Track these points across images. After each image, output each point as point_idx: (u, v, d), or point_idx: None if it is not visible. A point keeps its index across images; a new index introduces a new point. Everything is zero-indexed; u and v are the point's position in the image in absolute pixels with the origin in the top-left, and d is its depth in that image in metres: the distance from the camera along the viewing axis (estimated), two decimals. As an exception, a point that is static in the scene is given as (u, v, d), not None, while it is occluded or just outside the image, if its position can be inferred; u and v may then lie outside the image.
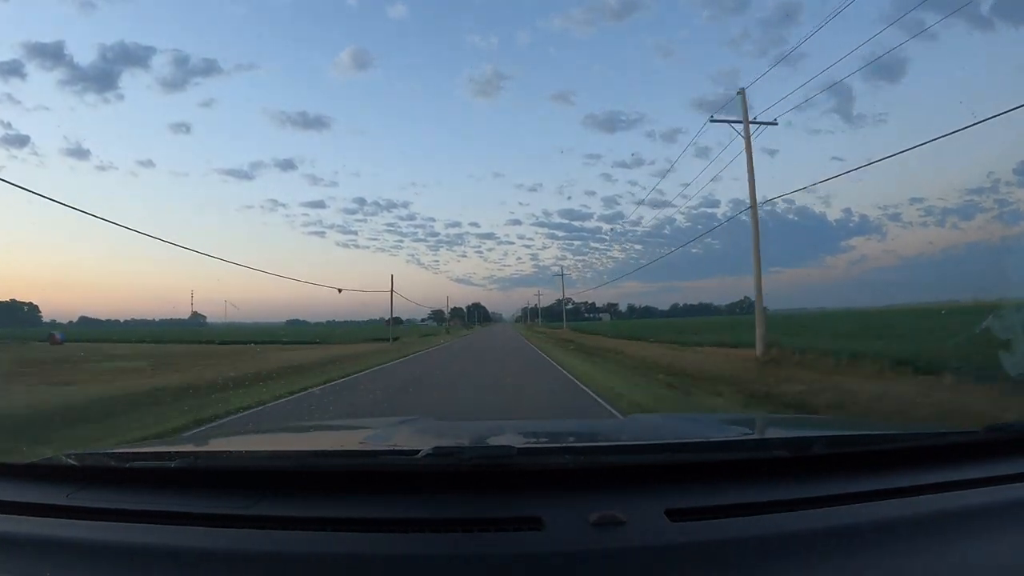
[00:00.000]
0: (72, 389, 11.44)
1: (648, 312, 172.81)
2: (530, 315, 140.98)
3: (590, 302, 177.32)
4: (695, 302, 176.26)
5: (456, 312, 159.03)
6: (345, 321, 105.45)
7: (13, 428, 7.16)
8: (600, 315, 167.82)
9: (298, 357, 20.25)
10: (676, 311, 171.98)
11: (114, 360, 20.02)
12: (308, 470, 1.13)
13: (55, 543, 0.93)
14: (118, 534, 0.95)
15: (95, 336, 48.74)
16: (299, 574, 0.86)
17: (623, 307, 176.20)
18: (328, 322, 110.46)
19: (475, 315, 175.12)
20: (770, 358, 13.56)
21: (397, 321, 42.17)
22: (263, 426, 6.26)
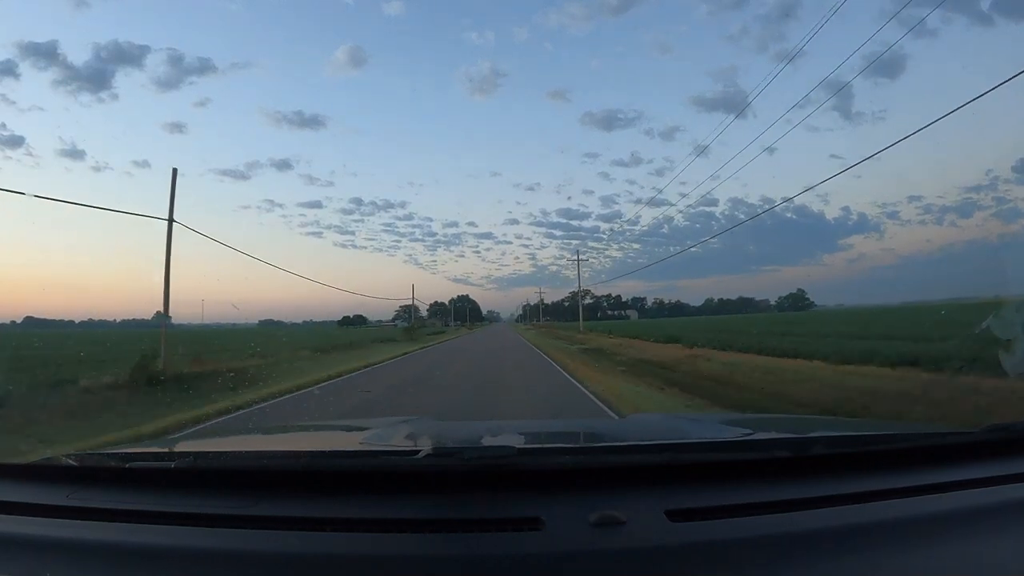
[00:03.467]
0: None
1: (679, 308, 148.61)
2: (540, 313, 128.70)
3: (614, 296, 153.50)
4: (733, 296, 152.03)
5: (440, 309, 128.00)
6: (324, 321, 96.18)
7: None
8: (627, 312, 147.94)
9: None
10: (710, 307, 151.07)
11: None
12: (308, 470, 1.13)
13: (55, 543, 0.93)
14: (118, 534, 0.95)
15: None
16: (299, 574, 0.85)
17: (649, 303, 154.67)
18: (305, 322, 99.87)
19: (463, 312, 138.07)
20: None
21: (360, 321, 38.01)
22: (263, 426, 6.26)
